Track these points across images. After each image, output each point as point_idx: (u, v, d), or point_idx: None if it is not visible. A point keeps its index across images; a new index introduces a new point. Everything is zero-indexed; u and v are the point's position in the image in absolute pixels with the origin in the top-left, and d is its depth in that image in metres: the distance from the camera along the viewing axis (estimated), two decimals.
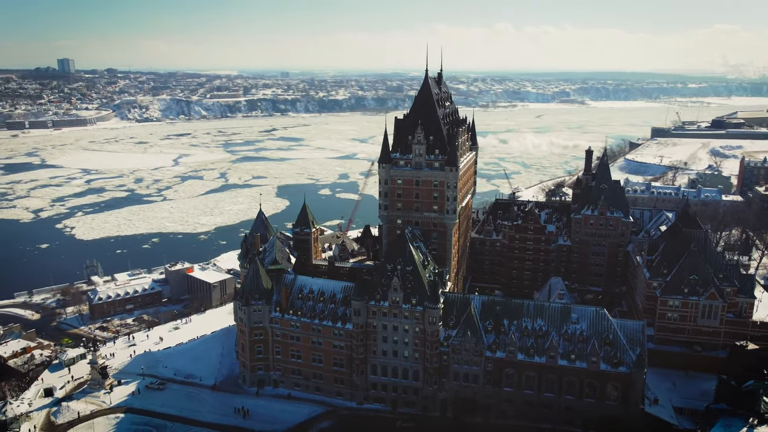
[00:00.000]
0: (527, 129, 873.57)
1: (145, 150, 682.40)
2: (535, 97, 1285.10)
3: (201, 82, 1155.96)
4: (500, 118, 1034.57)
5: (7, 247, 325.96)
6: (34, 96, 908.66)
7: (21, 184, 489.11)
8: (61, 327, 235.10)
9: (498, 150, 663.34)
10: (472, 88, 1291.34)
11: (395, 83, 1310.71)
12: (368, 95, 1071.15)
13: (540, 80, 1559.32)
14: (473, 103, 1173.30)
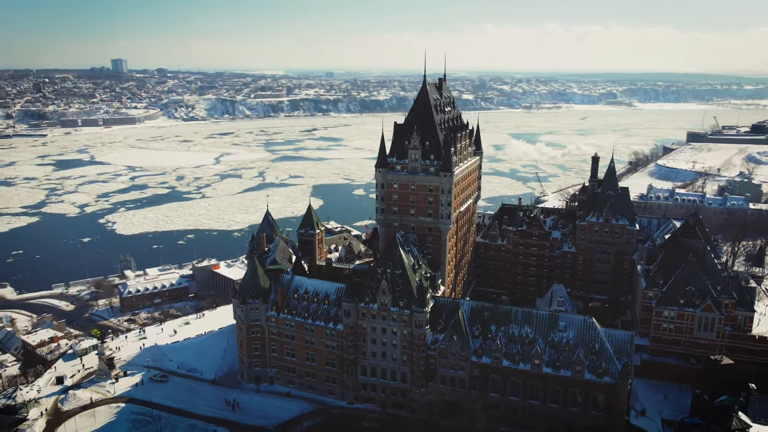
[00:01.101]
0: (570, 131, 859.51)
1: (189, 148, 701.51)
2: (581, 98, 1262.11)
3: (246, 82, 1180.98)
4: (543, 120, 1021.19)
5: (52, 240, 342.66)
6: (87, 95, 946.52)
7: (70, 180, 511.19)
8: (92, 318, 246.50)
9: (538, 153, 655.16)
10: (516, 89, 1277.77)
11: None
12: (410, 96, 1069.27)
13: (586, 81, 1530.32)
14: (516, 105, 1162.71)
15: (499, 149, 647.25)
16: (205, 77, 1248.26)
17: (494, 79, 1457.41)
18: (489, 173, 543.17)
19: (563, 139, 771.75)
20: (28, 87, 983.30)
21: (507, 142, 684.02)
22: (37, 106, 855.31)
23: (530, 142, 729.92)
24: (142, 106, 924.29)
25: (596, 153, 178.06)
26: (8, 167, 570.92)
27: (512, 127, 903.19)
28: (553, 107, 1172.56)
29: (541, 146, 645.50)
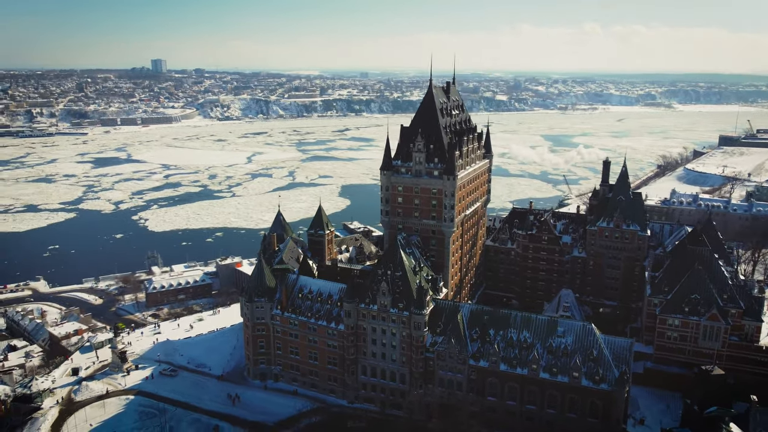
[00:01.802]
0: (605, 133, 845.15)
1: (223, 147, 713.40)
2: (618, 99, 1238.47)
3: (281, 82, 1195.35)
4: (578, 121, 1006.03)
5: (86, 235, 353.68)
6: (127, 95, 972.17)
7: (107, 177, 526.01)
8: (118, 312, 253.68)
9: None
10: (551, 89, 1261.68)
11: (472, 84, 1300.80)
12: None
13: (625, 82, 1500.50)
14: (551, 106, 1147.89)
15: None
16: (242, 77, 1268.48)
17: (529, 79, 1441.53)
18: (519, 175, 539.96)
19: (597, 141, 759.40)
20: (71, 87, 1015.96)
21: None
22: (79, 105, 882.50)
23: (563, 144, 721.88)
24: (179, 106, 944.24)
25: (607, 157, 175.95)
26: (50, 164, 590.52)
27: (546, 129, 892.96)
28: (589, 108, 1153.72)
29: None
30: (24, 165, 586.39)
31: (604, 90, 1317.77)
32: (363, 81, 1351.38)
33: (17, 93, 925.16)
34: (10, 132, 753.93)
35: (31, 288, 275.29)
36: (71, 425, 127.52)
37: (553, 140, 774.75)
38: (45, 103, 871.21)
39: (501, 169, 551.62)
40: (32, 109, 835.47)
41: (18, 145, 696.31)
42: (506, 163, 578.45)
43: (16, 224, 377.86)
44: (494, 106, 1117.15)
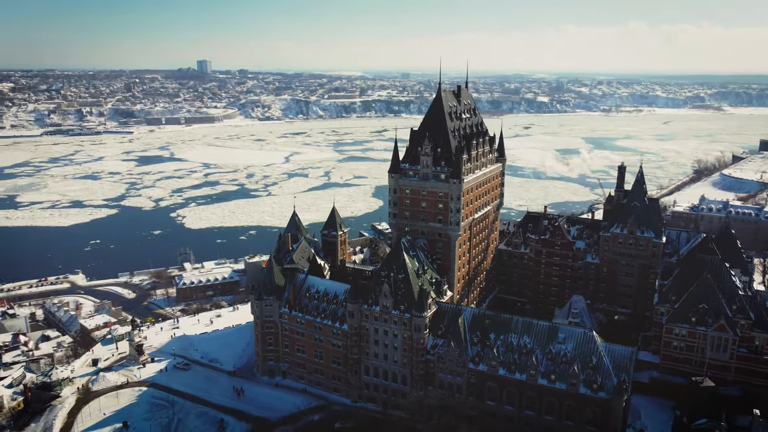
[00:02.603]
0: (649, 136, 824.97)
1: (262, 147, 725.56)
2: (665, 101, 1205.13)
3: (322, 82, 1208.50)
4: (622, 123, 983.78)
5: (126, 231, 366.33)
6: (172, 94, 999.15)
7: (149, 175, 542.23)
8: (149, 307, 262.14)
9: (541, 163, 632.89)
10: (594, 91, 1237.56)
11: (513, 85, 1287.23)
12: (483, 97, 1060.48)
13: (672, 83, 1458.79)
14: (594, 108, 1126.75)
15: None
16: (284, 78, 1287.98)
17: (572, 80, 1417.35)
18: (555, 178, 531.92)
19: (641, 144, 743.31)
20: (120, 87, 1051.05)
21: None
22: (126, 104, 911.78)
23: (604, 147, 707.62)
24: (222, 106, 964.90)
25: (623, 162, 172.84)
26: (96, 162, 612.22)
27: (588, 131, 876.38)
28: (634, 111, 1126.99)
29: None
30: (73, 162, 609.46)
31: (650, 92, 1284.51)
32: (403, 82, 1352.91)
33: (69, 93, 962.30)
34: (61, 130, 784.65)
35: (70, 281, 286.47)
36: (86, 413, 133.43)
37: (594, 143, 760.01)
38: (95, 103, 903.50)
39: (537, 172, 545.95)
40: (82, 108, 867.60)
41: (68, 142, 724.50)
42: (543, 167, 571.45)
43: (61, 219, 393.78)
44: (535, 108, 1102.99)
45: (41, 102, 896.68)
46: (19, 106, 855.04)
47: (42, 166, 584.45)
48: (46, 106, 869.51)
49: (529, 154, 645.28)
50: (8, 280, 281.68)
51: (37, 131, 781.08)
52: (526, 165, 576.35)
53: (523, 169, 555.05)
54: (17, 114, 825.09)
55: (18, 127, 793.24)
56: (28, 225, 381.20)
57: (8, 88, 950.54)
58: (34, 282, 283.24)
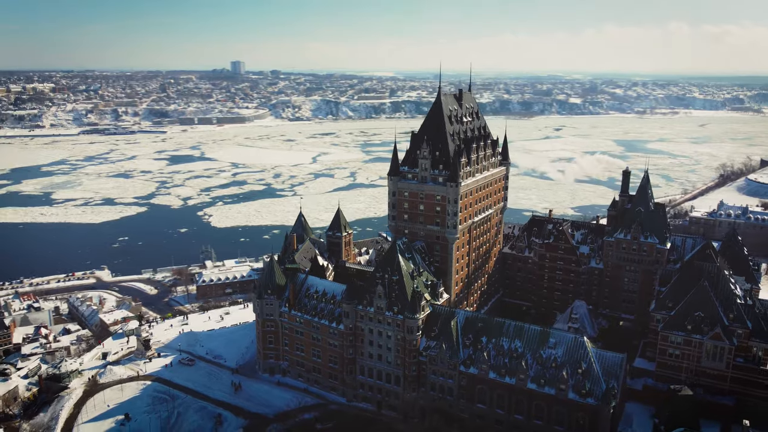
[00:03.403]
0: (683, 139, 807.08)
1: (291, 147, 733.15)
2: (702, 103, 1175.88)
3: (353, 83, 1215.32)
4: (656, 126, 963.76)
5: (154, 229, 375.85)
6: (205, 95, 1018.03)
7: (179, 174, 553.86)
8: (170, 303, 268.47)
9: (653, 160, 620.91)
10: (629, 92, 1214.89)
11: (545, 87, 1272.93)
12: (513, 99, 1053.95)
13: (710, 85, 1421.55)
14: (628, 109, 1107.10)
15: (569, 161, 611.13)
16: (315, 78, 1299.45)
17: (606, 82, 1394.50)
18: (584, 181, 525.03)
19: (674, 147, 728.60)
20: (155, 87, 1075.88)
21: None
22: (160, 105, 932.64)
23: (636, 150, 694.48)
24: (253, 106, 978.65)
25: (627, 167, 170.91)
26: (129, 161, 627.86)
27: (620, 134, 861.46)
28: (669, 112, 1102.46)
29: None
30: (107, 161, 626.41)
31: (687, 93, 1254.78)
32: (434, 83, 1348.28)
33: (106, 93, 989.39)
34: (97, 130, 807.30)
35: (96, 276, 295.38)
36: (91, 405, 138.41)
37: (626, 145, 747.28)
38: (130, 103, 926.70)
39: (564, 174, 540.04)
40: (118, 108, 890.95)
41: (104, 141, 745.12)
42: (570, 169, 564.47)
43: (93, 216, 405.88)
44: (567, 110, 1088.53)
45: (80, 102, 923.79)
46: (59, 106, 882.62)
47: (78, 165, 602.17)
48: (84, 106, 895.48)
49: (559, 156, 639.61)
50: (38, 275, 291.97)
51: (75, 130, 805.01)
52: (553, 167, 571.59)
53: (549, 172, 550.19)
54: (56, 114, 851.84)
55: (57, 126, 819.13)
56: (61, 221, 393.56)
57: (49, 88, 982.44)
58: (62, 277, 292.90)
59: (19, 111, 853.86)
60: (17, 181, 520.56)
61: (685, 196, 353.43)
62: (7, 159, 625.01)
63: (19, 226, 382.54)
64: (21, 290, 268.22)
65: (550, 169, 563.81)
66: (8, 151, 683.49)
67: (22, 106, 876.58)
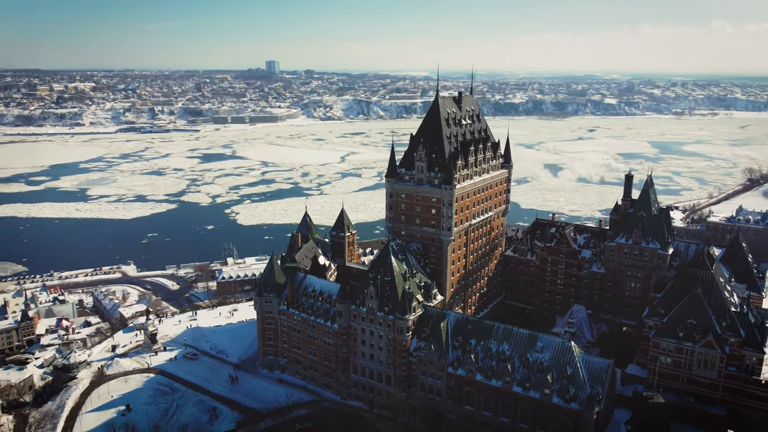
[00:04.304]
0: (722, 141, 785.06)
1: (320, 147, 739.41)
2: (744, 104, 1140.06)
3: (385, 83, 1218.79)
4: (694, 127, 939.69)
5: (182, 226, 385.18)
6: (239, 94, 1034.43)
7: (210, 172, 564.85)
8: (191, 299, 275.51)
9: (679, 163, 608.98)
10: (667, 93, 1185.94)
11: (580, 87, 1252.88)
12: (547, 99, 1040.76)
13: (754, 85, 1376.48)
14: (665, 110, 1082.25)
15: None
16: (348, 78, 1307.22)
17: (644, 82, 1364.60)
18: (614, 183, 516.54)
19: (712, 150, 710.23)
20: (191, 87, 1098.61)
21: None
22: (195, 104, 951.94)
23: (672, 152, 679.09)
24: (285, 106, 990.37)
25: (630, 171, 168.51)
26: (163, 158, 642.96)
27: (656, 135, 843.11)
28: (709, 114, 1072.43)
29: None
30: (141, 158, 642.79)
31: (729, 94, 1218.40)
32: (468, 82, 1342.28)
33: (144, 92, 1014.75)
34: (134, 128, 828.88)
35: (121, 271, 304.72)
36: (95, 395, 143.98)
37: (661, 147, 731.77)
38: (166, 102, 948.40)
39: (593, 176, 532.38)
40: (155, 107, 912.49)
41: (140, 139, 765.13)
42: (601, 171, 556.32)
43: (125, 212, 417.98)
44: (601, 110, 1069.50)
45: (118, 101, 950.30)
46: (98, 105, 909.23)
47: (113, 162, 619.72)
48: (122, 104, 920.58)
49: (591, 158, 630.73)
50: (67, 269, 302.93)
51: (113, 128, 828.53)
52: (585, 169, 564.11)
53: (581, 174, 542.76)
54: (96, 112, 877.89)
55: (96, 125, 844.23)
56: (94, 217, 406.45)
57: (90, 87, 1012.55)
58: (90, 271, 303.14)
59: (61, 109, 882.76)
60: (56, 177, 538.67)
61: (710, 200, 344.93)
62: (47, 156, 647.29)
63: (55, 221, 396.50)
64: (49, 283, 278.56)
65: (581, 171, 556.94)
66: (49, 148, 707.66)
67: (64, 105, 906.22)
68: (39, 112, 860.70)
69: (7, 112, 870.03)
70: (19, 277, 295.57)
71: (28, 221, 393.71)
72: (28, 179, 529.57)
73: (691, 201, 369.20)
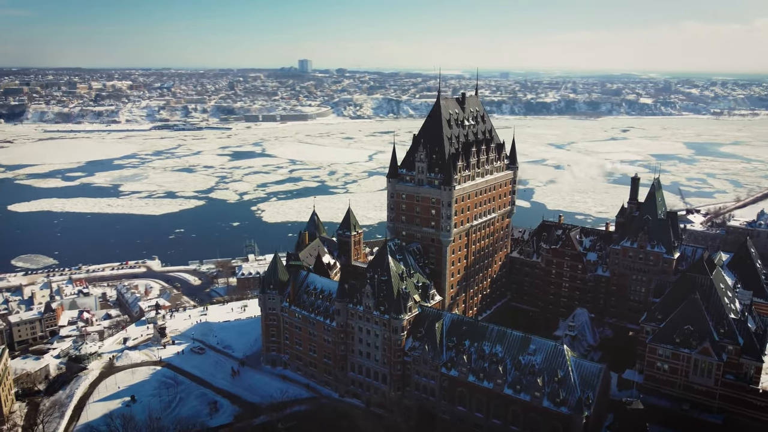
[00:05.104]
0: (760, 142, 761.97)
1: (349, 145, 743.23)
2: None
3: (416, 82, 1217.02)
4: (733, 128, 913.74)
5: (209, 222, 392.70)
6: (270, 93, 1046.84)
7: (239, 170, 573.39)
8: (211, 294, 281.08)
9: (709, 165, 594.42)
10: (706, 93, 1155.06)
11: (615, 86, 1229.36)
12: (580, 98, 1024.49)
13: None
14: (703, 111, 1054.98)
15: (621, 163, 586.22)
16: (380, 77, 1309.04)
17: (682, 81, 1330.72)
18: (646, 185, 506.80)
19: (749, 151, 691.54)
20: (224, 85, 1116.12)
21: None
22: (227, 102, 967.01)
23: (709, 154, 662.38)
24: (316, 104, 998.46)
25: (636, 173, 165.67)
26: (194, 156, 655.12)
27: (692, 136, 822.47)
28: (749, 114, 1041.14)
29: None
30: (174, 155, 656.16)
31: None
32: (499, 81, 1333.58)
33: (178, 90, 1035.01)
34: (168, 125, 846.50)
35: (146, 266, 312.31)
36: (103, 386, 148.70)
37: (697, 148, 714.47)
38: (199, 100, 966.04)
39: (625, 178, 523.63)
40: (188, 105, 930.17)
41: (173, 137, 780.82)
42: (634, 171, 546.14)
43: (154, 208, 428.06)
44: (636, 110, 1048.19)
45: (153, 99, 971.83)
46: (134, 103, 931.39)
47: (146, 159, 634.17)
48: (157, 102, 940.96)
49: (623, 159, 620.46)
50: (95, 262, 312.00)
51: (147, 126, 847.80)
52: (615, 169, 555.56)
53: (614, 175, 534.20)
54: (132, 110, 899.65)
55: (131, 122, 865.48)
56: (125, 212, 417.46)
57: (126, 85, 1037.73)
58: (116, 265, 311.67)
59: (99, 107, 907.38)
60: (91, 173, 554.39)
61: (737, 203, 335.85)
62: (84, 152, 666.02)
63: (87, 215, 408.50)
64: (75, 276, 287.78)
65: (613, 171, 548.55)
66: (86, 145, 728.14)
67: (101, 103, 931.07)
68: (78, 110, 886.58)
69: (48, 109, 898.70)
70: (49, 270, 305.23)
71: (62, 216, 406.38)
72: (64, 175, 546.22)
73: (718, 204, 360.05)
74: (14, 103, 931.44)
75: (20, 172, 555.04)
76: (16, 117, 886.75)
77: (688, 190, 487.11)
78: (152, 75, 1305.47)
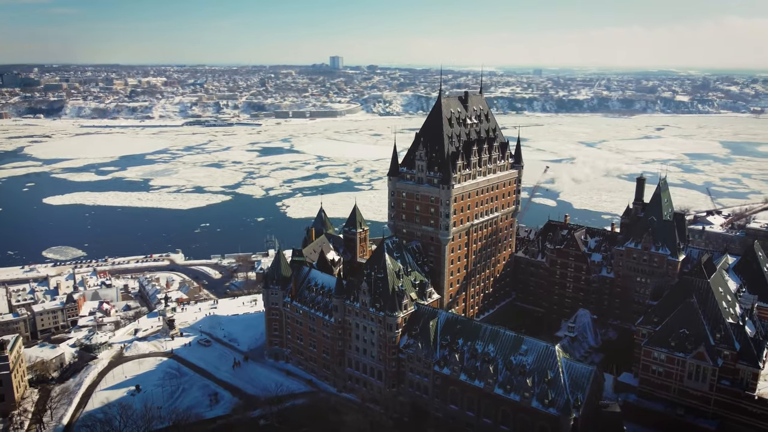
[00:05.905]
0: None
1: (377, 142, 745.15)
2: None
3: (446, 78, 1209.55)
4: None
5: (234, 217, 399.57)
6: (301, 89, 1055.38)
7: (267, 165, 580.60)
8: (230, 288, 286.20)
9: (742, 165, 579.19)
10: (746, 90, 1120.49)
11: (651, 83, 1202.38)
12: (613, 96, 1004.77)
13: None
14: (742, 109, 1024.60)
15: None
16: (411, 74, 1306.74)
17: (722, 78, 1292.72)
18: (677, 185, 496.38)
19: None
20: (255, 82, 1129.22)
21: None
22: (258, 98, 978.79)
23: (746, 154, 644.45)
24: (345, 101, 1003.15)
25: (642, 173, 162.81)
26: (224, 151, 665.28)
27: (729, 135, 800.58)
28: None
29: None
30: (204, 151, 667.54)
31: None
32: (531, 78, 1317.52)
33: (211, 87, 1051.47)
34: (199, 121, 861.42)
35: (170, 259, 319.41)
36: (111, 375, 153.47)
37: (733, 148, 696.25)
38: (231, 96, 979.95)
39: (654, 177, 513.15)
40: (220, 101, 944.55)
41: (204, 132, 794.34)
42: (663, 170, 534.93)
43: (182, 203, 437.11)
44: (672, 108, 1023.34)
45: (186, 95, 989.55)
46: (168, 99, 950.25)
47: (177, 154, 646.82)
48: (190, 98, 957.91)
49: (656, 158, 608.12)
50: (121, 255, 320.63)
51: (180, 121, 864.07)
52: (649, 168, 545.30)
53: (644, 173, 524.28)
54: (165, 106, 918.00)
55: (164, 117, 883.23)
56: (154, 206, 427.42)
57: (161, 82, 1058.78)
58: (141, 258, 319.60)
59: (133, 103, 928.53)
60: (123, 167, 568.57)
61: (766, 204, 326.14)
62: (118, 147, 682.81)
63: (117, 209, 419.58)
64: (99, 268, 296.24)
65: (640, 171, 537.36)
66: (120, 140, 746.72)
67: (136, 99, 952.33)
68: (113, 106, 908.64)
69: (85, 105, 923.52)
70: (77, 261, 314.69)
71: (94, 209, 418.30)
72: (98, 169, 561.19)
73: (745, 205, 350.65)
74: (54, 99, 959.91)
75: (56, 166, 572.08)
76: (55, 112, 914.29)
77: (720, 190, 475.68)
78: (186, 71, 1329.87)
